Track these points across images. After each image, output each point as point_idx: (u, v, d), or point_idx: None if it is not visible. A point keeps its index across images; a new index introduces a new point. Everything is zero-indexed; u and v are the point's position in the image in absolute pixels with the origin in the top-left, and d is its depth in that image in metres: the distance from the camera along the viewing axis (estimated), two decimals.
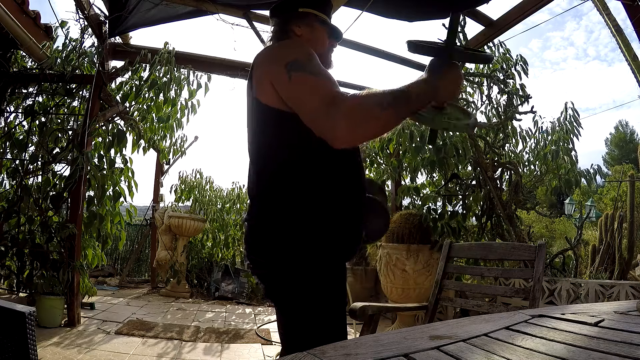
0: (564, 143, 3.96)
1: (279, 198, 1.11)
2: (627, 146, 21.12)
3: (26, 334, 1.09)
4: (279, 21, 1.34)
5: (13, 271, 3.50)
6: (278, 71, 1.09)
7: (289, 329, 1.14)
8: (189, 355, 2.97)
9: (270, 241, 1.11)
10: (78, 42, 3.90)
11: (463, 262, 3.31)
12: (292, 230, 1.09)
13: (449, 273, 2.17)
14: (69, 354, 2.67)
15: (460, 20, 3.40)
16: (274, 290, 1.16)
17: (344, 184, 1.15)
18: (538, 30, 63.81)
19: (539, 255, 1.73)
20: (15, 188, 3.61)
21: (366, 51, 3.75)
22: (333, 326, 1.11)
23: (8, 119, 3.86)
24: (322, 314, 1.10)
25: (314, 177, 1.11)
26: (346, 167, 1.17)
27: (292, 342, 1.13)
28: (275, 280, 1.15)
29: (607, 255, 4.42)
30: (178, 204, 6.11)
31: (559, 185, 3.99)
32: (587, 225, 8.71)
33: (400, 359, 0.49)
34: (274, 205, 1.12)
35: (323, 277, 1.11)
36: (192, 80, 4.05)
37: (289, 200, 1.10)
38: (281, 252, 1.10)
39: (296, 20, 1.31)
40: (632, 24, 2.33)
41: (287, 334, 1.16)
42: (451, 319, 1.80)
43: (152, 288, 5.70)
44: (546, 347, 0.53)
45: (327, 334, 1.08)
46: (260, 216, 1.14)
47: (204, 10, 3.33)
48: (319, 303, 1.10)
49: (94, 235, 3.73)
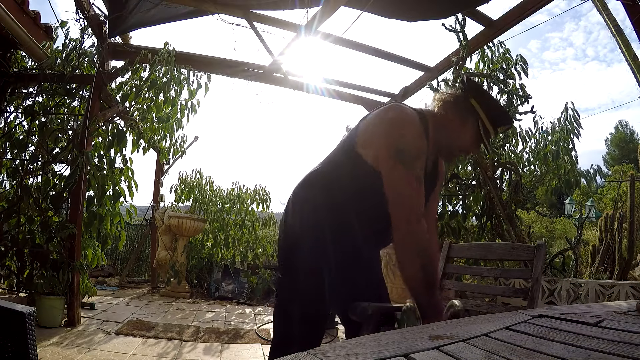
0: (564, 143, 3.96)
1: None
2: (627, 146, 21.10)
3: (26, 334, 1.09)
4: (456, 94, 1.44)
5: (13, 271, 3.50)
6: (387, 147, 1.26)
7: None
8: (189, 355, 2.97)
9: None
10: (78, 42, 3.90)
11: (463, 262, 3.31)
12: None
13: (448, 273, 2.17)
14: (69, 354, 2.67)
15: (460, 21, 3.40)
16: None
17: (356, 242, 1.32)
18: (537, 31, 63.87)
19: (538, 255, 1.73)
20: (15, 188, 3.61)
21: (366, 51, 3.75)
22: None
23: (8, 119, 3.86)
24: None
25: (352, 222, 1.31)
26: (369, 236, 1.35)
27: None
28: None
29: (607, 255, 4.42)
30: (178, 204, 6.11)
31: (559, 185, 3.99)
32: (587, 225, 8.71)
33: (400, 359, 0.49)
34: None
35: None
36: (192, 80, 4.04)
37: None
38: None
39: (463, 103, 1.40)
40: (632, 24, 2.33)
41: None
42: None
43: (152, 288, 5.70)
44: (546, 347, 0.53)
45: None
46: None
47: (204, 10, 3.33)
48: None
49: (94, 235, 3.72)
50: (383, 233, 1.31)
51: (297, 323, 1.28)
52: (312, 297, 1.28)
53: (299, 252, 1.31)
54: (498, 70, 3.86)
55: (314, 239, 1.28)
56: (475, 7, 3.16)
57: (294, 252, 1.33)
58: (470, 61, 3.87)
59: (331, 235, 1.27)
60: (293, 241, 1.34)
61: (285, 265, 1.38)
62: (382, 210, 1.22)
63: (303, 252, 1.29)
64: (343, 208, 1.29)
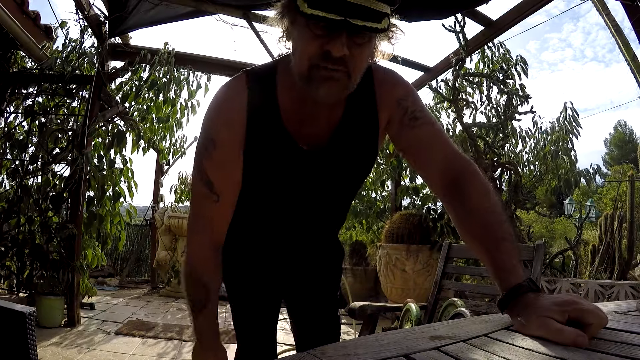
0: (563, 143, 3.96)
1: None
2: (627, 146, 21.12)
3: (26, 334, 1.09)
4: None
5: (13, 271, 3.50)
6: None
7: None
8: (189, 355, 2.95)
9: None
10: (78, 43, 3.89)
11: (463, 263, 3.32)
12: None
13: (448, 273, 2.18)
14: (69, 354, 2.68)
15: (460, 21, 3.40)
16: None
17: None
18: (536, 31, 63.88)
19: (537, 255, 1.74)
20: (15, 188, 3.61)
21: None
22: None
23: (8, 119, 3.86)
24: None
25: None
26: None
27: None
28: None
29: (607, 255, 4.42)
30: (178, 204, 6.11)
31: (559, 185, 4.00)
32: (587, 226, 8.70)
33: (400, 359, 0.49)
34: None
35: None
36: (192, 80, 4.05)
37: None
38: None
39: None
40: (631, 24, 2.33)
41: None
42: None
43: (152, 288, 5.70)
44: (546, 347, 0.53)
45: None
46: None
47: (203, 10, 3.33)
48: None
49: (93, 235, 3.72)
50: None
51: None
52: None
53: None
54: (498, 70, 3.86)
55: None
56: (475, 7, 3.16)
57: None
58: (470, 61, 3.88)
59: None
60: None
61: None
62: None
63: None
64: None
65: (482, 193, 0.85)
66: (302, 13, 0.73)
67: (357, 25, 0.72)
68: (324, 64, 0.76)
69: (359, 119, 0.95)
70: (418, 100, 0.98)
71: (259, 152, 0.91)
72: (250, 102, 0.89)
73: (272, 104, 0.91)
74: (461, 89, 3.88)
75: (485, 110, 3.99)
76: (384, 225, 4.41)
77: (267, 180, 0.97)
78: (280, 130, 0.91)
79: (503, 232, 0.78)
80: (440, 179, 0.92)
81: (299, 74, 0.81)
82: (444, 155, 0.91)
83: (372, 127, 0.96)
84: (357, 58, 0.78)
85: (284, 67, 0.90)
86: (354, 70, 0.79)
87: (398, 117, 0.95)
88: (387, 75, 0.98)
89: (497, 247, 0.76)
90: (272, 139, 0.91)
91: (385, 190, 5.06)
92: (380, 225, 4.82)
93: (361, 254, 5.03)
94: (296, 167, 0.94)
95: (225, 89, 0.93)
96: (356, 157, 0.98)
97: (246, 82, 0.91)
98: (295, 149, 0.92)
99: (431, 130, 0.94)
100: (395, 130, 0.96)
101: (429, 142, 0.93)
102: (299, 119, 0.91)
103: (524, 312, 0.62)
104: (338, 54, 0.74)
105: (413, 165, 1.01)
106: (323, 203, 1.04)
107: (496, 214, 0.82)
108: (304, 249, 1.16)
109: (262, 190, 1.00)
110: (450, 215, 0.92)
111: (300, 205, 1.03)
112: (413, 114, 0.94)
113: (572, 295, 0.66)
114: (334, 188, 1.02)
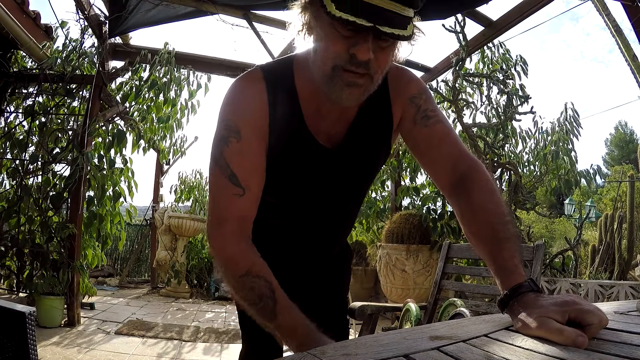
0: (563, 143, 3.96)
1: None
2: (627, 146, 21.10)
3: (26, 334, 1.09)
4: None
5: (13, 271, 3.51)
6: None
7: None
8: (189, 355, 2.97)
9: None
10: (78, 43, 3.90)
11: (462, 263, 3.32)
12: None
13: (448, 273, 2.18)
14: (69, 354, 2.68)
15: (460, 21, 3.40)
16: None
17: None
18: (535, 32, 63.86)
19: (537, 255, 1.74)
20: (15, 188, 3.61)
21: None
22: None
23: (8, 119, 3.86)
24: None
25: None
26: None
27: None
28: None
29: (607, 256, 4.42)
30: (178, 204, 6.11)
31: (559, 186, 3.99)
32: (587, 226, 8.70)
33: (400, 359, 0.49)
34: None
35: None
36: (192, 80, 4.05)
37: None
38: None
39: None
40: (631, 25, 2.33)
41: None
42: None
43: (152, 288, 5.70)
44: (546, 347, 0.53)
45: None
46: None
47: (204, 10, 3.33)
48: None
49: (93, 235, 3.73)
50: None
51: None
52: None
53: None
54: (498, 70, 3.86)
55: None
56: (475, 7, 3.16)
57: None
58: (470, 61, 3.88)
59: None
60: None
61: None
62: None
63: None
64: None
65: (487, 192, 0.85)
66: (329, 14, 0.72)
67: (385, 32, 0.71)
68: (348, 67, 0.75)
69: (373, 116, 0.95)
70: (430, 98, 0.98)
71: (280, 147, 0.89)
72: (271, 96, 0.88)
73: (293, 99, 0.90)
74: (461, 89, 3.88)
75: (485, 111, 3.99)
76: (384, 225, 4.41)
77: (285, 176, 0.94)
78: (301, 126, 0.90)
79: (506, 232, 0.78)
80: (447, 177, 0.92)
81: (321, 72, 0.80)
82: (452, 154, 0.91)
83: (386, 123, 0.96)
84: (381, 61, 0.77)
85: (301, 63, 0.90)
86: (377, 73, 0.79)
87: (410, 114, 0.95)
88: (400, 72, 0.97)
89: (500, 247, 0.77)
90: (293, 135, 0.90)
91: (385, 190, 5.06)
92: (380, 225, 4.82)
93: (361, 254, 5.03)
94: (315, 163, 0.94)
95: (243, 82, 0.91)
96: (371, 153, 0.98)
97: (263, 76, 0.90)
98: (315, 146, 0.91)
99: (442, 129, 0.94)
100: (407, 127, 0.96)
101: (439, 141, 0.93)
102: (317, 116, 0.91)
103: (524, 311, 0.63)
104: (364, 57, 0.74)
105: (421, 162, 1.01)
106: (338, 200, 1.04)
107: (500, 214, 0.82)
108: (318, 248, 1.14)
109: (278, 186, 0.96)
110: (455, 213, 0.93)
111: (317, 202, 1.01)
112: (425, 113, 0.94)
113: (572, 295, 0.66)
114: (349, 185, 1.02)
